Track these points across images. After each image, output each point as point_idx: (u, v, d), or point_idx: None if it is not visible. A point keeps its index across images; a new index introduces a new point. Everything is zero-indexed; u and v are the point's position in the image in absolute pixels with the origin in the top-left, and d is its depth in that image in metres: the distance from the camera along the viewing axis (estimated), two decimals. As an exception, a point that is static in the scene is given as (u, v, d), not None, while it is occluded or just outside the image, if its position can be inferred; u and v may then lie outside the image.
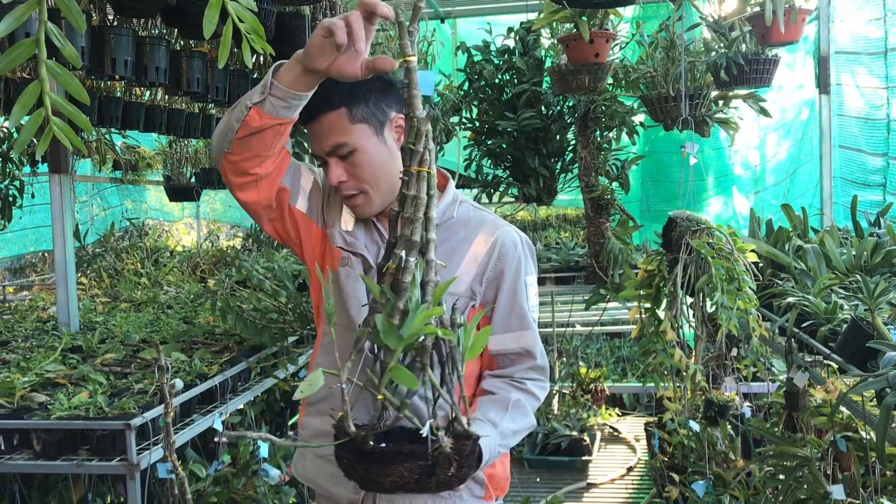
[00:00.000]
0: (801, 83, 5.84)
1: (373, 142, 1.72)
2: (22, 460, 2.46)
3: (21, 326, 3.95)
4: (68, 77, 1.60)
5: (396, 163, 1.73)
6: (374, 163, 1.72)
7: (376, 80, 1.71)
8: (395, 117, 1.75)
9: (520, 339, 1.80)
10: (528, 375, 1.81)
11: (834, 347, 2.70)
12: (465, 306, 1.76)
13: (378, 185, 1.75)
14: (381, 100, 1.73)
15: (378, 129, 1.72)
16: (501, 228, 1.83)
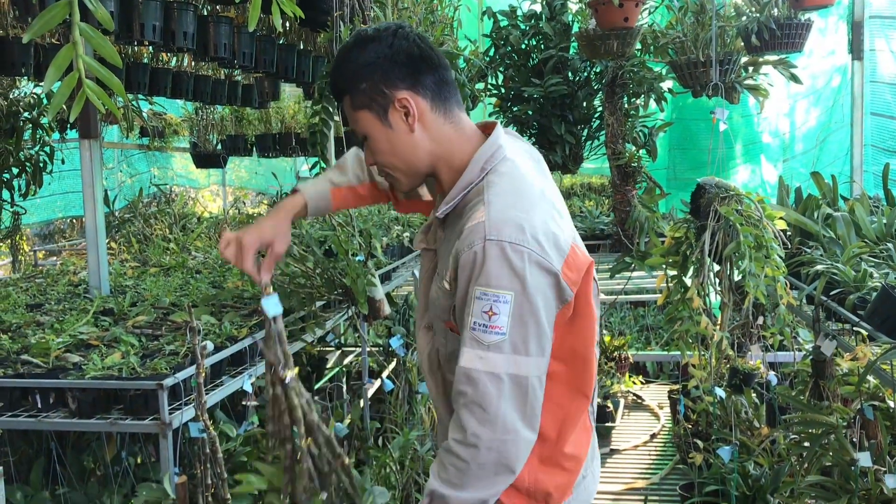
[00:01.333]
0: (833, 49, 5.74)
1: (377, 127, 1.64)
2: (58, 418, 2.51)
3: (53, 290, 4.01)
4: (101, 40, 1.62)
5: (408, 144, 1.64)
6: (384, 148, 1.66)
7: (381, 59, 1.61)
8: (398, 98, 1.61)
9: (462, 361, 1.52)
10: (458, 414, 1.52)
11: (863, 315, 2.68)
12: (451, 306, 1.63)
13: (397, 167, 1.69)
14: (382, 81, 1.61)
15: (381, 113, 1.63)
16: (472, 223, 1.54)
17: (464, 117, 1.71)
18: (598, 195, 10.99)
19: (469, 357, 1.51)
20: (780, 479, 3.16)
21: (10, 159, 5.23)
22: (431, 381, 1.78)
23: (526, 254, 1.50)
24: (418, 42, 1.64)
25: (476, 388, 1.49)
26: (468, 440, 1.50)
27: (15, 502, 2.84)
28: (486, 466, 1.50)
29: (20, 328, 3.16)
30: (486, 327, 1.49)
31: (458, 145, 1.67)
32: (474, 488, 1.52)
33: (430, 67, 1.64)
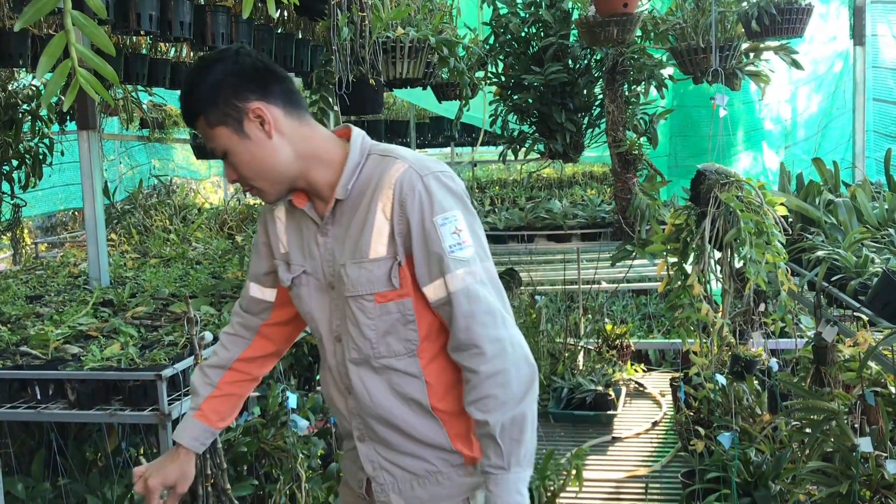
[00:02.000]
0: (835, 34, 5.71)
1: (235, 141, 1.69)
2: (57, 410, 2.52)
3: (53, 281, 4.01)
4: (94, 28, 1.60)
5: (269, 151, 1.70)
6: (245, 161, 1.71)
7: (228, 76, 1.68)
8: (251, 108, 1.67)
9: (443, 287, 1.63)
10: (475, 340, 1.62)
11: (864, 301, 2.67)
12: (391, 268, 1.68)
13: (262, 179, 1.74)
14: (233, 95, 1.67)
15: (237, 127, 1.68)
16: (399, 174, 1.67)
17: (316, 123, 1.79)
18: (599, 184, 10.97)
19: (460, 276, 1.63)
20: (781, 466, 3.16)
21: (9, 151, 5.22)
22: (368, 383, 1.75)
23: (453, 178, 1.72)
24: (261, 58, 1.73)
25: (479, 301, 1.63)
26: (495, 350, 1.62)
27: (16, 493, 2.85)
28: (520, 363, 1.63)
29: (20, 320, 3.16)
30: (460, 245, 1.64)
31: (320, 143, 1.75)
32: (521, 390, 1.63)
33: (276, 79, 1.72)
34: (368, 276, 1.69)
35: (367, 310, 1.71)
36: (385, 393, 1.74)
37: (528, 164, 5.71)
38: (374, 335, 1.71)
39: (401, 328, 1.71)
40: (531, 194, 9.49)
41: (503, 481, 1.62)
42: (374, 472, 1.79)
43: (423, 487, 1.77)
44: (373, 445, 1.79)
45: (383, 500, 1.79)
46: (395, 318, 1.70)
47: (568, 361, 5.32)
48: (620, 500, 3.88)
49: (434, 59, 3.98)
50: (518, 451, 1.62)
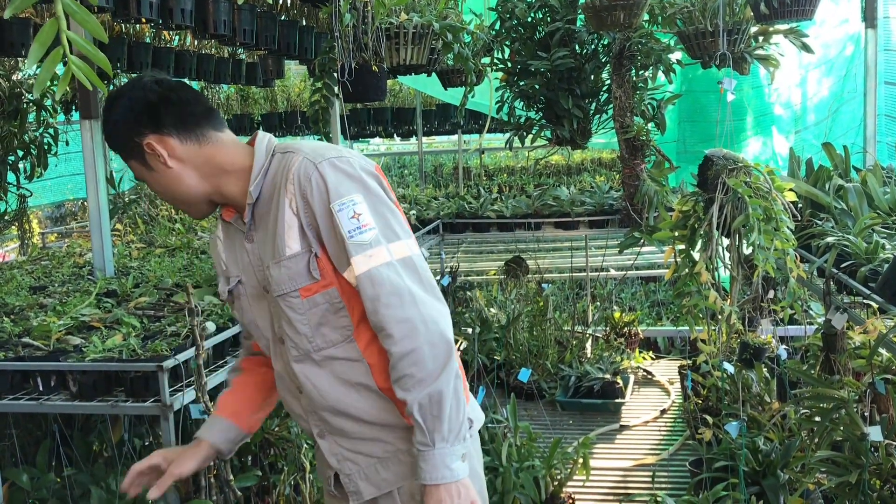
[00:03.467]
0: (846, 17, 5.63)
1: (144, 172, 1.80)
2: (59, 401, 2.51)
3: (58, 272, 4.00)
4: (85, 15, 1.57)
5: (172, 179, 1.78)
6: (157, 189, 1.83)
7: (124, 114, 1.76)
8: (145, 143, 1.75)
9: (353, 271, 1.65)
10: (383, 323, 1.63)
11: (874, 287, 2.63)
12: (308, 261, 1.71)
13: (176, 202, 1.84)
14: (130, 132, 1.76)
15: (141, 160, 1.78)
16: (296, 166, 1.70)
17: (226, 137, 1.83)
18: (608, 170, 10.92)
19: (361, 262, 1.64)
20: (790, 455, 3.13)
21: (14, 142, 5.20)
22: (314, 378, 1.77)
23: (352, 160, 1.71)
24: (154, 88, 1.77)
25: (383, 284, 1.63)
26: (403, 331, 1.62)
27: (21, 484, 2.84)
28: (434, 340, 1.62)
29: (23, 311, 3.15)
30: (360, 229, 1.64)
31: (224, 158, 1.80)
32: (438, 367, 1.62)
33: (168, 108, 1.77)
34: (289, 273, 1.72)
35: (296, 306, 1.74)
36: (332, 384, 1.76)
37: (536, 151, 5.67)
38: (308, 329, 1.74)
39: (332, 317, 1.73)
40: (539, 181, 9.46)
41: (430, 457, 1.63)
42: (339, 464, 1.82)
43: (387, 469, 1.78)
44: (333, 439, 1.82)
45: (353, 489, 1.80)
46: (325, 308, 1.73)
47: (575, 349, 5.29)
48: (628, 488, 3.86)
49: (438, 45, 3.95)
50: (440, 427, 1.63)
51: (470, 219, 5.65)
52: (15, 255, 6.84)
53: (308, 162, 1.69)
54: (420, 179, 9.81)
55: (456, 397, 1.65)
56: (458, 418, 1.65)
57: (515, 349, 5.23)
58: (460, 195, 6.42)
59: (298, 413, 1.86)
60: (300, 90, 7.47)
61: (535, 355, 5.24)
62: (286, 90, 7.44)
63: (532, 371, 5.01)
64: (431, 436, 1.63)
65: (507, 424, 3.63)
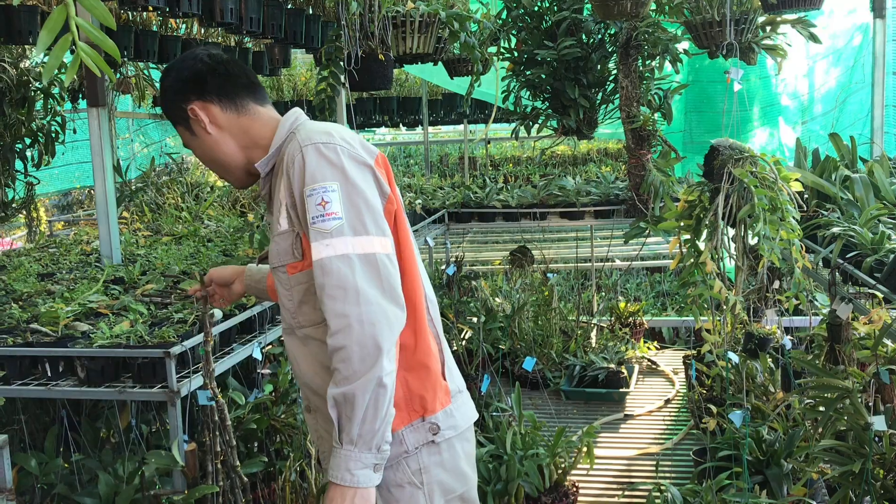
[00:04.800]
0: (854, 7, 5.60)
1: (187, 137, 1.90)
2: (67, 387, 2.53)
3: (66, 259, 4.02)
4: (93, 1, 1.58)
5: (212, 146, 1.87)
6: (199, 154, 1.92)
7: (174, 82, 1.87)
8: (189, 109, 1.84)
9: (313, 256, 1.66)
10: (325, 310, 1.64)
11: (880, 278, 2.63)
12: (293, 241, 1.75)
13: (216, 169, 1.93)
14: (177, 101, 1.86)
15: (186, 125, 1.88)
16: (288, 148, 1.77)
17: (265, 111, 1.90)
18: (614, 160, 10.90)
19: (317, 249, 1.64)
20: (794, 444, 3.14)
21: (22, 129, 5.21)
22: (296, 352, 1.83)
23: (338, 148, 1.71)
24: (204, 59, 1.87)
25: (331, 275, 1.63)
26: (339, 325, 1.60)
27: (30, 469, 2.87)
28: (365, 342, 1.59)
29: (31, 297, 3.17)
30: (322, 217, 1.65)
31: (258, 130, 1.87)
32: (364, 368, 1.59)
33: (214, 78, 1.86)
34: (278, 248, 1.78)
35: (283, 281, 1.80)
36: (309, 362, 1.81)
37: (542, 141, 5.66)
38: (292, 305, 1.79)
39: (312, 298, 1.75)
40: (545, 171, 9.45)
41: (336, 455, 1.62)
42: (318, 440, 1.88)
43: None
44: (313, 415, 1.87)
45: (326, 466, 1.81)
46: (305, 287, 1.76)
47: (580, 339, 5.30)
48: (632, 477, 3.87)
49: (445, 34, 3.94)
50: (350, 429, 1.60)
51: (475, 208, 5.65)
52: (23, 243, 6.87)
53: (297, 144, 1.73)
54: (426, 169, 9.81)
55: (374, 406, 1.60)
56: (371, 427, 1.61)
57: (520, 338, 5.24)
58: (466, 185, 6.42)
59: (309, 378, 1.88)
60: (306, 79, 7.47)
61: (539, 345, 5.26)
62: (292, 79, 7.44)
63: (537, 360, 5.02)
64: (340, 435, 1.62)
65: (511, 413, 3.64)
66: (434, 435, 1.78)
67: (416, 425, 1.78)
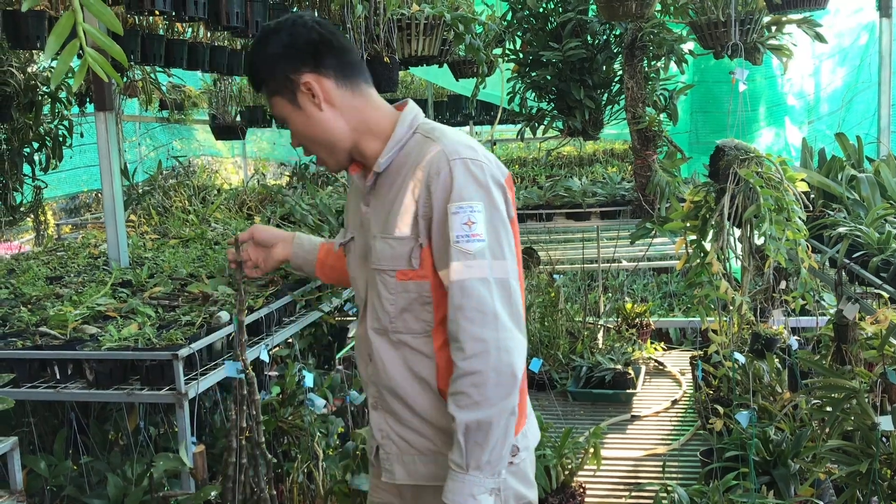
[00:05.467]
0: (861, 6, 5.60)
1: (289, 110, 1.77)
2: (76, 389, 2.54)
3: (73, 262, 4.04)
4: (101, 7, 1.60)
5: (320, 123, 1.76)
6: (300, 130, 1.79)
7: (283, 48, 1.74)
8: (303, 81, 1.74)
9: (448, 276, 1.63)
10: (459, 335, 1.61)
11: (886, 278, 2.63)
12: (412, 249, 1.70)
13: (317, 148, 1.81)
14: (286, 68, 1.74)
15: (291, 97, 1.76)
16: (430, 155, 1.69)
17: (374, 94, 1.83)
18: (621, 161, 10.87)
19: (458, 269, 1.61)
20: (801, 444, 3.13)
21: (29, 134, 5.25)
22: (384, 354, 1.79)
23: (484, 166, 1.68)
24: (317, 28, 1.75)
25: (471, 296, 1.60)
26: (475, 349, 1.59)
27: (39, 471, 2.88)
28: (502, 369, 1.59)
29: (40, 300, 3.19)
30: (468, 237, 1.61)
31: (372, 115, 1.79)
32: (501, 395, 1.59)
33: (330, 50, 1.75)
34: (392, 252, 1.72)
35: (389, 285, 1.74)
36: (398, 367, 1.77)
37: (548, 142, 5.67)
38: (394, 310, 1.74)
39: (418, 308, 1.73)
40: (551, 172, 9.44)
41: (458, 480, 1.61)
42: (382, 440, 1.83)
43: (425, 465, 1.79)
44: (383, 415, 1.83)
45: (388, 468, 1.82)
46: (413, 297, 1.72)
47: (587, 340, 5.30)
48: (638, 478, 3.87)
49: (450, 36, 3.95)
50: (479, 455, 1.60)
51: (482, 210, 5.64)
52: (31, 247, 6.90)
53: (444, 156, 1.67)
54: (432, 171, 9.79)
55: (504, 433, 1.61)
56: (499, 453, 1.61)
57: (527, 339, 5.24)
58: (472, 186, 6.41)
59: (363, 377, 1.89)
60: (312, 82, 7.47)
61: (546, 346, 5.26)
62: (298, 81, 7.45)
63: (543, 361, 5.02)
64: (468, 460, 1.60)
65: (518, 414, 3.64)
66: (513, 457, 1.77)
67: None
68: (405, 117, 1.78)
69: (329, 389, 3.55)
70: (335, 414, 3.46)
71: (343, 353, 4.62)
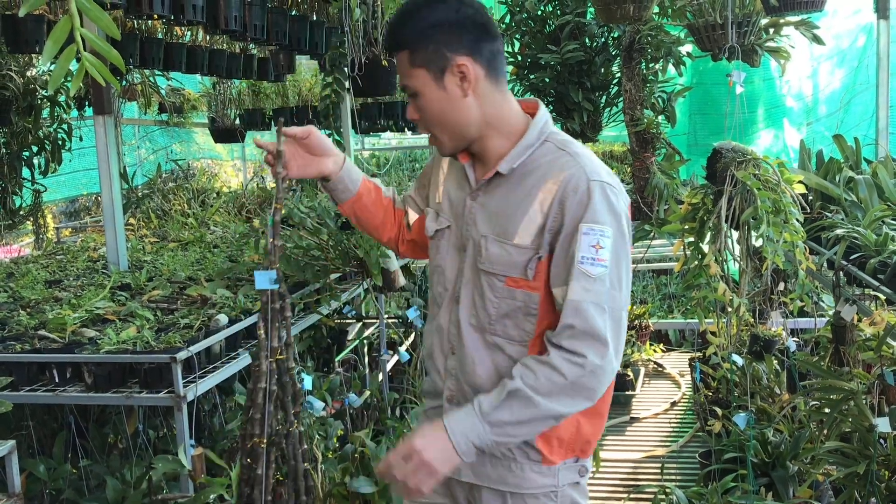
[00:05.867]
0: (858, 7, 5.60)
1: (431, 87, 1.68)
2: (75, 392, 2.55)
3: (73, 266, 4.05)
4: (98, 12, 1.60)
5: (459, 108, 1.69)
6: (433, 109, 1.70)
7: (446, 22, 1.65)
8: (458, 63, 1.65)
9: (564, 294, 1.61)
10: (562, 343, 1.60)
11: (883, 279, 2.63)
12: (530, 259, 1.67)
13: (443, 130, 1.73)
14: (444, 44, 1.65)
15: (438, 74, 1.67)
16: (569, 171, 1.65)
17: (508, 91, 1.76)
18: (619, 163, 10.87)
19: (576, 289, 1.59)
20: (799, 446, 3.14)
21: (29, 137, 5.26)
22: (476, 353, 1.75)
23: (619, 195, 1.66)
24: (481, 11, 1.69)
25: (585, 319, 1.58)
26: (576, 360, 1.58)
27: (38, 474, 2.89)
28: (580, 389, 1.59)
29: (39, 304, 3.20)
30: (594, 260, 1.59)
31: (507, 113, 1.73)
32: (560, 403, 1.58)
33: (488, 37, 1.69)
34: (507, 258, 1.69)
35: (496, 288, 1.71)
36: (489, 368, 1.74)
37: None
38: (495, 313, 1.71)
39: (521, 317, 1.70)
40: (550, 175, 9.44)
41: (470, 417, 1.59)
42: None
43: (494, 468, 1.76)
44: None
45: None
46: (519, 306, 1.70)
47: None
48: (637, 480, 3.87)
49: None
50: (504, 418, 1.58)
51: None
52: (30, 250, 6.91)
53: (584, 175, 1.64)
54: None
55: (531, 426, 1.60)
56: (516, 433, 1.61)
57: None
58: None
59: (438, 370, 1.83)
60: (311, 85, 7.49)
61: (545, 348, 5.25)
62: (297, 85, 7.46)
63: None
64: (492, 411, 1.58)
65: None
66: (581, 476, 1.78)
67: (570, 464, 1.76)
68: (537, 122, 1.73)
69: (328, 392, 3.56)
70: (334, 417, 3.46)
71: (342, 356, 4.62)
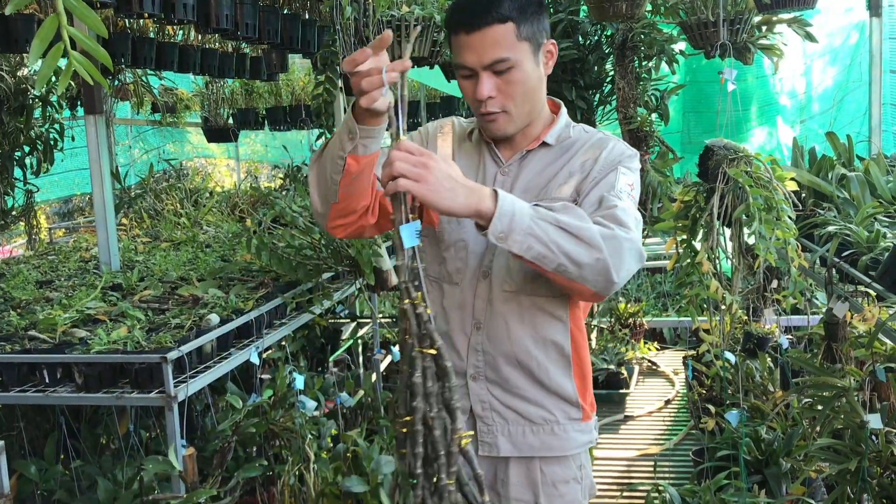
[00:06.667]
0: (851, 6, 5.61)
1: (530, 61, 1.71)
2: (65, 393, 2.53)
3: (64, 266, 4.03)
4: (85, 10, 1.59)
5: (541, 86, 1.78)
6: (527, 82, 1.72)
7: (539, 2, 1.73)
8: (547, 42, 1.75)
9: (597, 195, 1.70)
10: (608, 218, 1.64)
11: (874, 276, 2.63)
12: None
13: (523, 106, 1.75)
14: (540, 22, 1.73)
15: (535, 49, 1.72)
16: (612, 142, 1.79)
17: None
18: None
19: (610, 199, 1.66)
20: (792, 443, 3.14)
21: (20, 137, 5.24)
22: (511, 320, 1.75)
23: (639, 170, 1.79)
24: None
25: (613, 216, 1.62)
26: (607, 226, 1.60)
27: (29, 475, 2.88)
28: (610, 240, 1.57)
29: (29, 304, 3.18)
30: (628, 195, 1.69)
31: (544, 99, 1.82)
32: (598, 237, 1.56)
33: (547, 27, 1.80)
34: None
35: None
36: (526, 334, 1.75)
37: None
38: (535, 271, 1.66)
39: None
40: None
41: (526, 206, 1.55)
42: (483, 412, 1.79)
43: (536, 435, 1.77)
44: (486, 385, 1.79)
45: (488, 441, 1.79)
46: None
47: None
48: (631, 478, 3.87)
49: (440, 37, 3.95)
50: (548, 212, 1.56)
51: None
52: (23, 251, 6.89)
53: (623, 145, 1.78)
54: (425, 172, 9.78)
55: (562, 239, 1.54)
56: (549, 231, 1.53)
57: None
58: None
59: (458, 349, 1.79)
60: (304, 84, 7.48)
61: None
62: (290, 84, 7.45)
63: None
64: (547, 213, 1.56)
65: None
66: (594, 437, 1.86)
67: (591, 425, 1.84)
68: (564, 113, 1.86)
69: (321, 392, 3.55)
70: (327, 416, 3.46)
71: (336, 355, 4.62)
